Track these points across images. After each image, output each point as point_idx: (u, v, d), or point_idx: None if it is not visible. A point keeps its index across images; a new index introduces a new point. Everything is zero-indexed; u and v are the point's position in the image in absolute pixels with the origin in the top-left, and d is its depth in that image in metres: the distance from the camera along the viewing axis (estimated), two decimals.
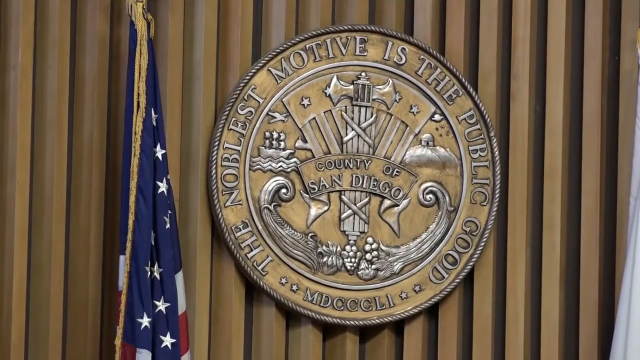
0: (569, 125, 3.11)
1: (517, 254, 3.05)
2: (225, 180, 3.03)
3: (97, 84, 3.02)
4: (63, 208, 3.08)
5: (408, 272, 3.12)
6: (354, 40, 3.16)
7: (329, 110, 3.10)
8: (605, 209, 3.04)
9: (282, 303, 3.05)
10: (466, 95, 3.15)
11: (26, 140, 3.08)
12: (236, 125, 3.06)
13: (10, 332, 3.03)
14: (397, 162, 3.25)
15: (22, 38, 3.06)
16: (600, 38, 3.17)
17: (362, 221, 3.11)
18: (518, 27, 3.15)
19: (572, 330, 2.98)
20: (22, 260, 3.06)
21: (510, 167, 3.09)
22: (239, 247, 2.98)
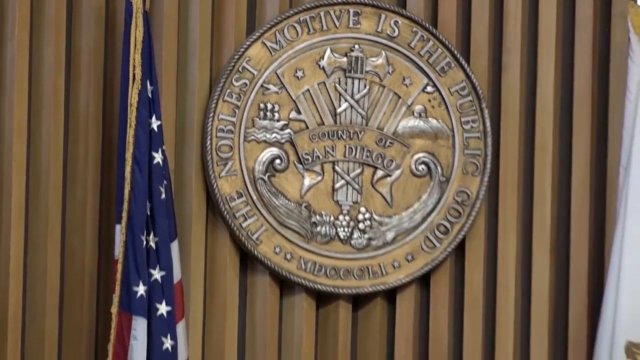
0: (560, 98, 3.13)
1: (508, 224, 3.07)
2: (220, 151, 3.07)
3: (93, 57, 3.06)
4: (60, 179, 3.14)
5: (400, 241, 3.15)
6: (347, 13, 3.16)
7: (323, 82, 3.13)
8: (595, 180, 3.07)
9: (275, 272, 3.08)
10: (458, 67, 3.17)
11: (23, 114, 3.13)
12: (231, 97, 3.09)
13: (8, 303, 3.07)
14: (389, 133, 3.28)
15: (18, 12, 3.06)
16: (591, 11, 3.16)
17: (355, 191, 3.13)
18: (510, 0, 3.13)
19: (562, 299, 3.04)
20: (20, 232, 3.12)
21: (501, 138, 3.10)
22: (233, 217, 3.03)
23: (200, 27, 3.15)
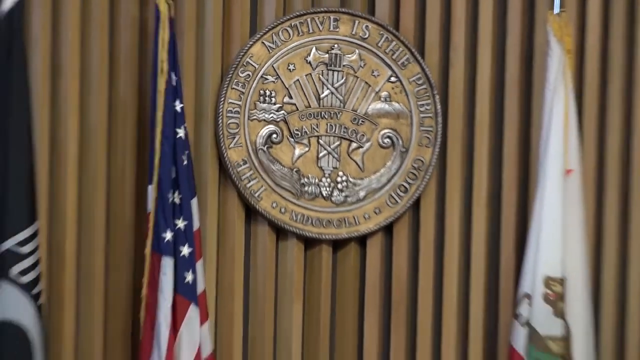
0: (494, 86, 3.81)
1: (454, 186, 3.83)
2: (229, 128, 3.71)
3: (130, 54, 3.70)
4: (105, 151, 3.74)
5: (370, 198, 3.83)
6: (329, 19, 3.79)
7: (309, 74, 3.77)
8: (521, 151, 3.81)
9: (273, 222, 3.80)
10: (415, 62, 3.81)
11: (75, 98, 3.72)
12: (237, 85, 3.75)
13: (65, 244, 3.72)
14: (362, 113, 3.94)
15: (71, 17, 3.65)
16: (519, 18, 3.85)
17: (335, 159, 3.77)
18: (457, 9, 3.83)
19: (495, 243, 3.77)
20: (74, 190, 3.73)
21: (449, 118, 3.79)
22: (239, 179, 3.70)
23: (213, 30, 3.78)
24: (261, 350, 3.98)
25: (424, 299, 3.98)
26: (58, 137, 3.78)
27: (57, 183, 3.73)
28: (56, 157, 3.80)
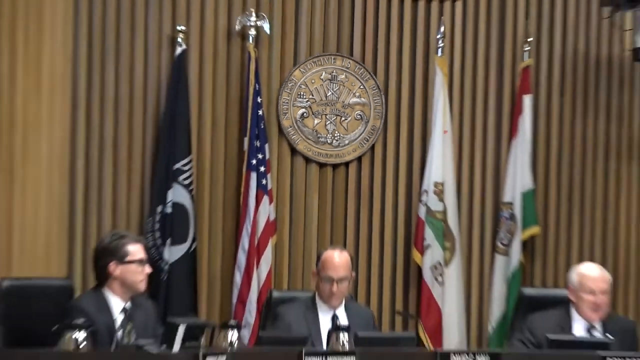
0: (411, 91, 6.74)
1: (392, 137, 6.66)
2: (283, 110, 6.53)
3: (233, 72, 6.44)
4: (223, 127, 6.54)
5: (351, 144, 6.69)
6: (331, 57, 6.77)
7: (322, 84, 6.72)
8: (424, 121, 6.74)
9: (304, 156, 6.55)
10: (372, 78, 6.71)
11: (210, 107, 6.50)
12: (287, 90, 6.64)
13: (204, 173, 6.47)
14: (347, 103, 6.85)
15: (211, 62, 6.38)
16: (422, 57, 6.76)
17: (333, 125, 6.72)
18: (393, 52, 6.67)
19: (409, 166, 6.69)
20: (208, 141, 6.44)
21: (388, 107, 6.65)
22: (289, 135, 6.51)
23: (276, 63, 6.66)
24: (296, 224, 6.93)
25: (377, 196, 7.06)
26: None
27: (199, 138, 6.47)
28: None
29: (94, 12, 6.42)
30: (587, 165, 7.40)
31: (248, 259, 6.44)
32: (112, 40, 6.48)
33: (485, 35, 7.12)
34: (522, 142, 6.97)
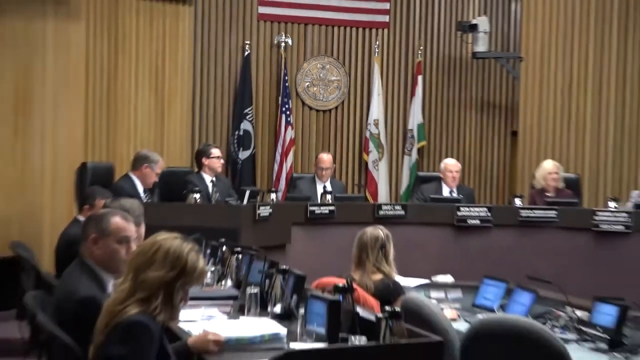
0: (368, 83, 10.86)
1: (353, 96, 11.29)
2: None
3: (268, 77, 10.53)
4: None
5: (336, 100, 10.77)
6: (322, 57, 10.74)
7: (317, 70, 10.73)
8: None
9: (308, 106, 11.17)
10: (343, 68, 10.63)
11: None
12: (301, 73, 10.60)
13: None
14: (330, 79, 10.71)
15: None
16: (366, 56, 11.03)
17: (324, 91, 10.69)
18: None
19: (367, 110, 11.25)
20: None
21: (356, 86, 10.94)
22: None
23: (294, 59, 10.36)
24: (305, 142, 10.75)
25: (345, 126, 11.10)
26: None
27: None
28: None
29: (204, 27, 10.02)
30: (454, 112, 11.22)
31: (281, 157, 10.07)
32: (214, 44, 10.19)
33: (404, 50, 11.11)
34: (417, 98, 10.86)
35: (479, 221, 7.99)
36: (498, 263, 7.00)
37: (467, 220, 7.99)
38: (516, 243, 7.87)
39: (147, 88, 9.14)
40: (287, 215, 7.63)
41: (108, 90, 8.81)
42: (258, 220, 7.09)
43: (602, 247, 7.64)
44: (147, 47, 9.14)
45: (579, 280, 6.17)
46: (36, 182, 7.77)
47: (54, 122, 7.92)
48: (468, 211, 8.05)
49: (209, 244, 5.96)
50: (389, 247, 5.12)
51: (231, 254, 5.69)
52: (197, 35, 9.85)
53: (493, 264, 6.78)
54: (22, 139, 7.73)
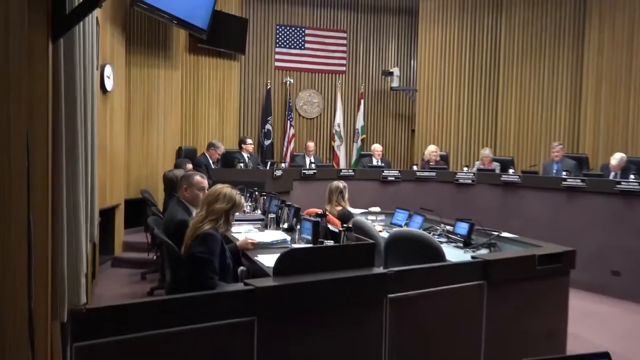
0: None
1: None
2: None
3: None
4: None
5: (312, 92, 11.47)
6: (307, 90, 10.22)
7: (307, 96, 10.39)
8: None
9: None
10: (321, 96, 11.14)
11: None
12: (298, 98, 10.67)
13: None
14: (312, 102, 10.42)
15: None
16: (333, 77, 11.36)
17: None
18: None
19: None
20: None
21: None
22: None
23: (292, 91, 10.02)
24: (298, 138, 10.90)
25: (324, 127, 10.96)
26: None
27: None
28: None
29: (245, 73, 10.40)
30: (380, 119, 10.75)
31: (287, 144, 9.86)
32: (251, 82, 10.04)
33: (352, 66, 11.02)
34: (360, 112, 10.37)
35: (394, 178, 8.04)
36: (404, 200, 6.90)
37: (387, 178, 7.99)
38: (414, 190, 7.85)
39: (214, 107, 9.07)
40: (290, 175, 7.54)
41: (193, 109, 8.82)
42: (275, 178, 7.11)
43: (460, 192, 7.60)
44: (213, 84, 9.02)
45: (447, 210, 6.15)
46: (154, 158, 7.85)
47: (164, 126, 8.01)
48: (388, 173, 8.03)
49: (247, 191, 6.12)
50: (345, 192, 5.23)
51: (260, 196, 5.90)
52: (241, 77, 9.76)
53: (401, 201, 6.75)
54: (147, 135, 7.78)
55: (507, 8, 9.02)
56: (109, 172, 6.06)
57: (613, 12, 7.95)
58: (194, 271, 3.07)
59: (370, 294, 2.83)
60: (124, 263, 6.42)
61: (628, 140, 7.86)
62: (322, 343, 2.68)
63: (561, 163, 7.18)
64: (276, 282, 2.62)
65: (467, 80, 9.42)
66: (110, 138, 6.21)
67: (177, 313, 2.26)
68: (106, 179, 5.95)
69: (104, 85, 5.95)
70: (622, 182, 5.86)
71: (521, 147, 9.04)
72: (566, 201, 6.26)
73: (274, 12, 9.97)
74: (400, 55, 10.65)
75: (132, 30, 7.36)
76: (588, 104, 8.31)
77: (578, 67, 8.45)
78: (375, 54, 10.58)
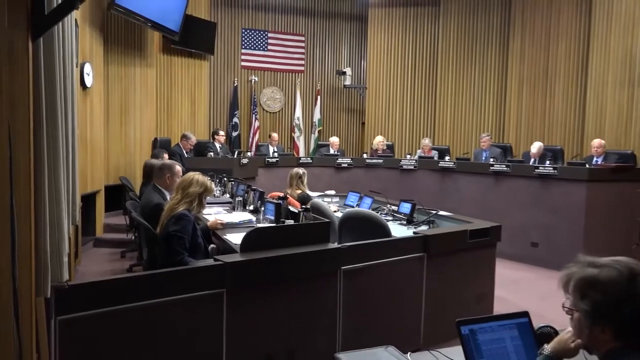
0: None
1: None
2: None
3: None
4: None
5: (276, 88, 11.14)
6: (269, 87, 10.12)
7: (270, 93, 10.17)
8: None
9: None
10: (281, 92, 10.46)
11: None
12: (262, 94, 10.13)
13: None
14: (275, 97, 10.17)
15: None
16: (292, 77, 10.93)
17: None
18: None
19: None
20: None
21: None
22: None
23: (258, 88, 9.72)
24: (262, 129, 10.78)
25: (284, 120, 10.50)
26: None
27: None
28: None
29: (214, 71, 9.91)
30: (335, 113, 10.44)
31: (252, 135, 9.38)
32: (219, 80, 9.69)
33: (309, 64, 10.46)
34: (317, 106, 9.92)
35: (347, 165, 7.98)
36: (356, 184, 6.96)
37: (341, 165, 7.94)
38: (364, 175, 7.79)
39: (187, 102, 8.73)
40: (255, 163, 7.40)
41: (167, 103, 8.51)
42: (241, 165, 7.03)
43: (403, 177, 7.55)
44: (185, 81, 8.70)
45: (393, 192, 6.20)
46: (131, 148, 7.57)
47: (140, 119, 7.69)
48: (341, 160, 7.95)
49: (217, 177, 6.05)
50: (304, 177, 5.21)
51: (228, 181, 5.83)
52: (211, 75, 9.37)
53: (353, 185, 6.84)
54: (125, 127, 7.48)
55: (444, 17, 9.10)
56: (89, 161, 5.89)
57: (533, 24, 8.13)
58: (168, 248, 3.01)
59: (326, 266, 2.86)
60: (105, 243, 6.29)
61: (545, 132, 8.08)
62: (284, 311, 2.69)
63: (489, 151, 7.27)
64: (243, 258, 2.61)
65: (409, 79, 9.43)
66: (91, 130, 6.01)
67: (154, 287, 2.25)
68: (87, 167, 5.78)
69: (84, 82, 5.78)
70: (540, 167, 5.94)
71: (455, 138, 9.13)
72: (493, 184, 6.31)
73: (240, 17, 9.71)
74: (352, 56, 10.51)
75: (110, 31, 7.09)
76: (512, 101, 8.50)
77: (503, 70, 8.62)
78: (330, 56, 10.41)
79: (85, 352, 2.07)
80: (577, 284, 1.20)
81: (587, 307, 1.18)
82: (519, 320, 1.51)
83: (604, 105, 7.14)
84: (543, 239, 5.78)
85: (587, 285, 1.19)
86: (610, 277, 1.16)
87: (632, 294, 1.13)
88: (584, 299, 1.19)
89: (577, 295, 1.20)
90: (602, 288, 1.16)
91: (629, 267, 1.17)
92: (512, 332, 1.48)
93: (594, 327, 1.18)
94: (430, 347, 1.75)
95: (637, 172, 5.47)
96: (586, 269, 1.20)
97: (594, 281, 1.18)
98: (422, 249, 3.31)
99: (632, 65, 6.89)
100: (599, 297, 1.16)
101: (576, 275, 1.21)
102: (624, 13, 6.90)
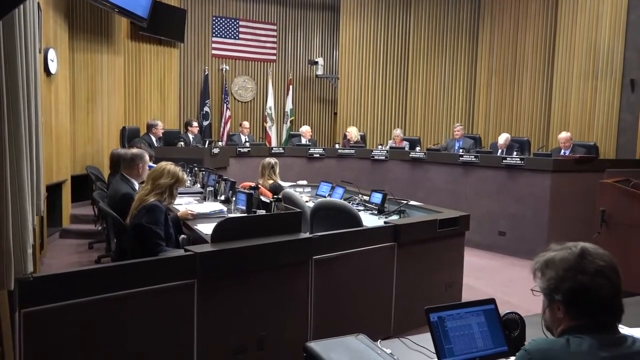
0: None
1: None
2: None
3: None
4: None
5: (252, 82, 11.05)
6: (241, 76, 10.35)
7: (242, 82, 10.40)
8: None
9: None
10: (253, 82, 10.79)
11: None
12: (233, 83, 10.15)
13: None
14: (246, 87, 10.32)
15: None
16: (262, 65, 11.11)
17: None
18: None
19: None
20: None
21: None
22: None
23: (229, 75, 9.68)
24: (234, 119, 10.73)
25: (257, 110, 10.45)
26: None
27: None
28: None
29: (184, 59, 10.03)
30: (307, 103, 10.50)
31: (224, 124, 9.31)
32: (190, 68, 9.67)
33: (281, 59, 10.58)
34: (289, 96, 9.84)
35: (319, 155, 7.93)
36: (328, 175, 6.95)
37: (313, 155, 7.87)
38: (336, 165, 7.77)
39: (156, 90, 8.56)
40: (227, 152, 7.32)
41: (135, 91, 8.36)
42: (213, 155, 6.96)
43: (375, 167, 7.57)
44: (155, 69, 8.58)
45: (364, 182, 6.30)
46: (98, 137, 7.44)
47: (108, 107, 7.56)
48: (313, 150, 7.89)
49: (188, 166, 6.02)
50: (276, 167, 5.21)
51: (199, 171, 5.81)
52: (181, 64, 9.25)
53: (325, 175, 6.85)
54: (91, 116, 7.33)
55: (415, 8, 9.17)
56: (55, 150, 5.76)
57: (502, 16, 8.23)
58: (140, 239, 2.98)
59: (297, 256, 2.87)
60: (72, 234, 6.18)
61: (512, 123, 8.23)
62: (255, 301, 2.70)
63: (462, 141, 7.37)
64: (213, 248, 2.60)
65: (381, 69, 9.46)
66: (56, 118, 5.91)
67: (124, 278, 2.23)
68: (52, 156, 5.65)
69: (48, 68, 5.63)
70: (507, 157, 6.05)
71: (426, 128, 9.26)
72: (462, 174, 6.40)
73: (211, 4, 9.56)
74: (324, 46, 10.50)
75: (75, 17, 6.92)
76: (481, 93, 8.61)
77: (473, 62, 8.74)
78: (302, 45, 10.37)
79: (51, 346, 2.03)
80: (538, 265, 1.27)
81: (543, 284, 1.24)
82: (485, 307, 1.56)
83: (568, 98, 7.29)
84: (510, 227, 5.89)
85: (545, 265, 1.25)
86: (563, 256, 1.22)
87: (577, 270, 1.18)
88: (542, 278, 1.25)
89: (538, 276, 1.26)
90: (556, 266, 1.22)
91: (583, 248, 1.22)
92: (479, 318, 1.52)
93: (552, 306, 1.24)
94: (401, 334, 1.77)
95: (599, 163, 5.54)
96: (549, 252, 1.27)
97: (551, 261, 1.24)
98: (393, 239, 3.34)
99: (595, 58, 7.05)
100: (552, 274, 1.22)
101: (540, 259, 1.27)
102: (588, 6, 7.03)
